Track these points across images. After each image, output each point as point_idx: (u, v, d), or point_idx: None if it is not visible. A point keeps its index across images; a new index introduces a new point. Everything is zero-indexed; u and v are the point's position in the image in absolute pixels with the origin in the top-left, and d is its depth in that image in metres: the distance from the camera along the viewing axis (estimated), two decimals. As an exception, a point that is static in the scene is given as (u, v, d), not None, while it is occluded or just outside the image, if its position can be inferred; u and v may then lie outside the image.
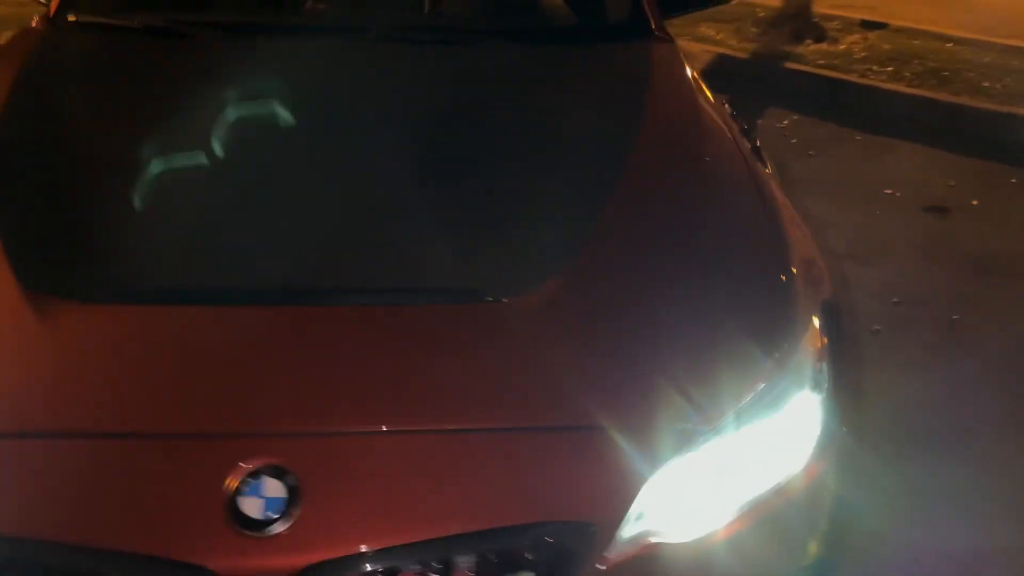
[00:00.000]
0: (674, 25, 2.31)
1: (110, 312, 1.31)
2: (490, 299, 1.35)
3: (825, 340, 1.49)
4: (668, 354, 1.34)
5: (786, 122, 4.71)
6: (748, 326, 1.40)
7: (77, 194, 1.57)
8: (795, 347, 1.39)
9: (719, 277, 1.47)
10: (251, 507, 1.10)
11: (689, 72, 2.11)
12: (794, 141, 4.46)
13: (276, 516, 1.10)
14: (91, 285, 1.34)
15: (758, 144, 1.99)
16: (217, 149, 1.69)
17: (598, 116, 1.85)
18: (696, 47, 5.59)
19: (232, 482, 1.11)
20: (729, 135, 1.85)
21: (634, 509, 1.21)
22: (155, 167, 1.64)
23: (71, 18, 2.16)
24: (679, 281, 1.45)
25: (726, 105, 2.12)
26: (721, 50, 5.63)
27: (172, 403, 1.20)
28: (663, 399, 1.28)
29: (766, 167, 1.90)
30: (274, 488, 1.11)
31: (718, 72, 5.45)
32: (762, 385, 1.33)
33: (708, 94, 2.10)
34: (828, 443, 1.42)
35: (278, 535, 1.09)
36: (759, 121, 4.73)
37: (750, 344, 1.37)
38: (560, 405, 1.24)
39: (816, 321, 1.49)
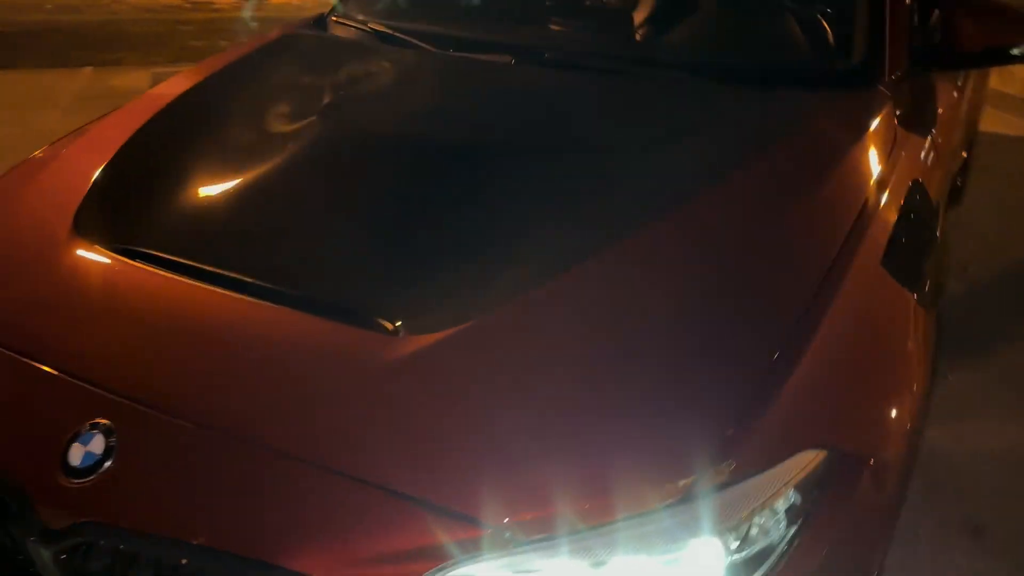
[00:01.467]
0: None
1: (94, 255, 1.49)
2: (386, 328, 1.29)
3: (793, 495, 1.17)
4: (533, 447, 1.14)
5: None
6: (657, 439, 1.15)
7: (190, 163, 1.78)
8: (700, 482, 1.10)
9: (661, 373, 1.21)
10: (75, 453, 1.21)
11: (877, 133, 1.72)
12: None
13: (83, 467, 1.19)
14: (105, 233, 1.54)
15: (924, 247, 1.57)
16: (331, 155, 1.80)
17: (690, 164, 1.63)
18: None
19: (78, 426, 1.23)
20: (850, 220, 1.47)
21: None
22: (269, 160, 1.79)
23: (333, 19, 2.47)
24: (607, 368, 1.23)
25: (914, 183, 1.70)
26: None
27: (68, 340, 1.35)
28: (493, 490, 1.11)
29: (916, 274, 1.54)
30: (97, 444, 1.21)
31: None
32: (631, 515, 1.10)
33: (904, 165, 1.70)
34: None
35: (72, 487, 1.18)
36: None
37: (642, 460, 1.13)
38: (373, 457, 1.15)
39: (788, 466, 1.17)
